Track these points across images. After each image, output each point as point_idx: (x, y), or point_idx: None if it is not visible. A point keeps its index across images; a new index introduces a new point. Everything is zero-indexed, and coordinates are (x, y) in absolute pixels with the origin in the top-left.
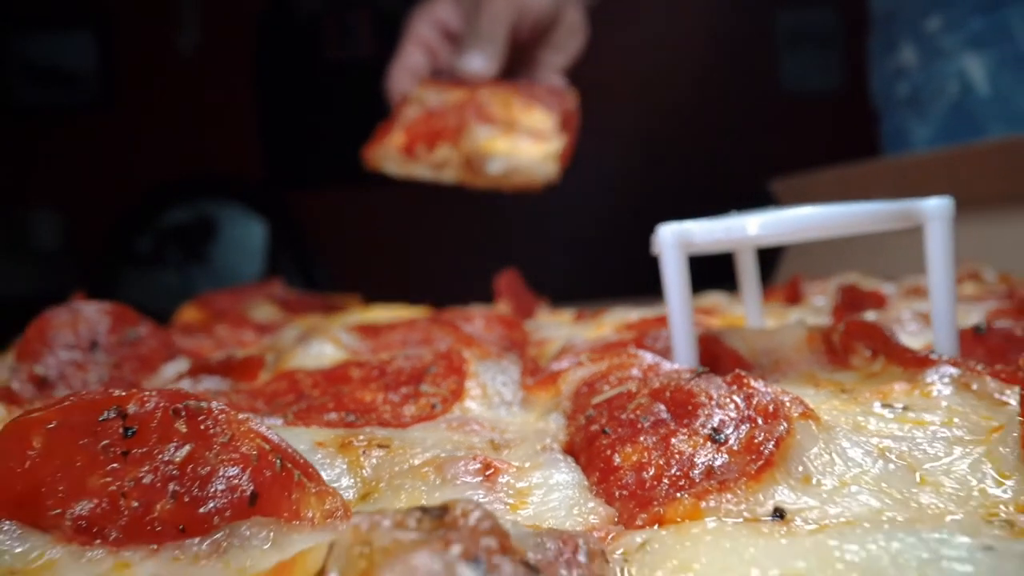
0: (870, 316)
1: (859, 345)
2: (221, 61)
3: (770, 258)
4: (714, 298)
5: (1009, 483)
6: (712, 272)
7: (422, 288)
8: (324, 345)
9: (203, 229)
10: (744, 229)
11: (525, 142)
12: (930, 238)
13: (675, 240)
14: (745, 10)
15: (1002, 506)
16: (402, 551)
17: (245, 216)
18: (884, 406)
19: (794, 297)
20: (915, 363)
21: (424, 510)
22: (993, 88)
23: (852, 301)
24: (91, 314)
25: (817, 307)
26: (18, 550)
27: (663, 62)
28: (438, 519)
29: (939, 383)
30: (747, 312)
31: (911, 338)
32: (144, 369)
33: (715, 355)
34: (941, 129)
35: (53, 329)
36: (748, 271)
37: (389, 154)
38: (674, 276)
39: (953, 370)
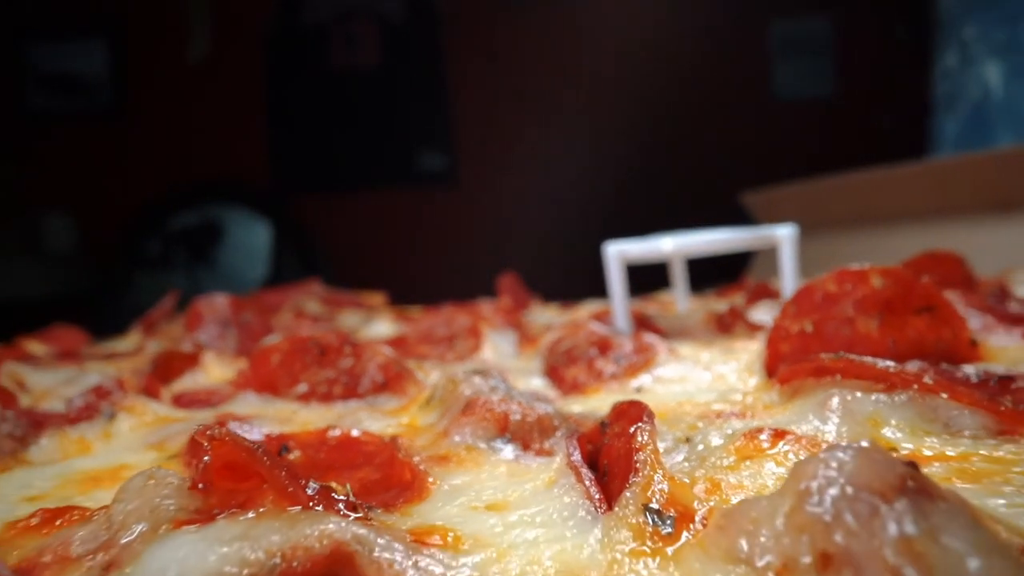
0: (766, 304)
1: (738, 321)
2: (230, 69)
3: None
4: (666, 296)
5: (752, 379)
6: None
7: (420, 288)
8: (382, 324)
9: (209, 232)
10: (660, 247)
11: None
12: (782, 253)
13: (616, 254)
14: (739, 18)
15: (740, 384)
16: (467, 379)
17: (250, 220)
18: (723, 349)
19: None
20: (754, 329)
21: (474, 369)
22: (1006, 94)
23: (758, 294)
24: (221, 303)
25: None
26: (278, 405)
27: (654, 71)
28: (480, 371)
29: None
30: (677, 301)
31: None
32: (256, 340)
33: (646, 327)
34: (963, 129)
35: (204, 312)
36: (678, 273)
37: None
38: (616, 278)
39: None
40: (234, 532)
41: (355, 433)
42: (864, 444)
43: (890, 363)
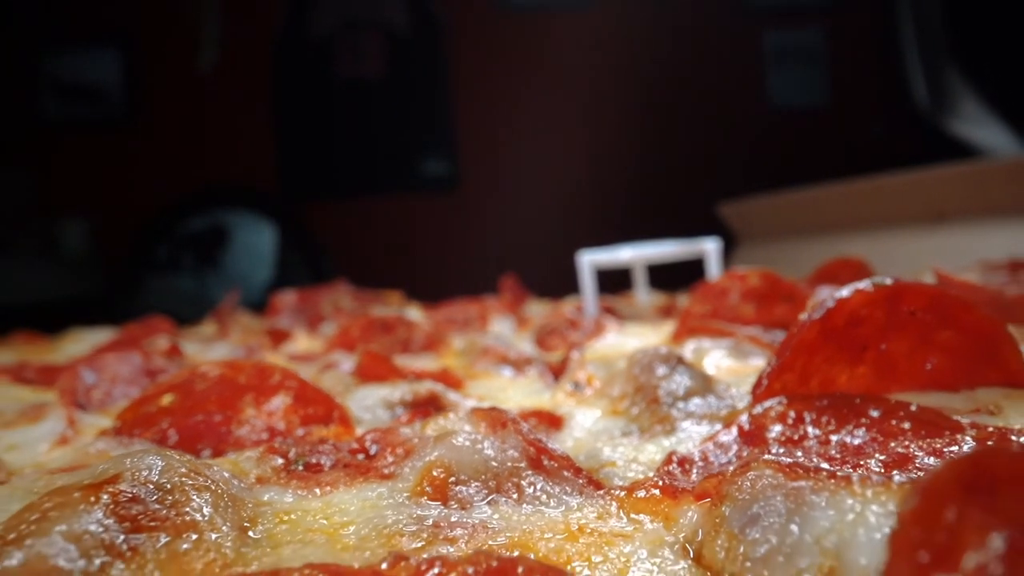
0: None
1: (674, 309)
2: (238, 79)
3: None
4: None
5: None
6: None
7: (421, 289)
8: (412, 313)
9: (217, 237)
10: (620, 256)
11: None
12: (709, 263)
13: (588, 261)
14: (734, 29)
15: (656, 343)
16: (483, 338)
17: (257, 224)
18: (656, 327)
19: None
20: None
21: (486, 335)
22: None
23: None
24: (291, 298)
25: None
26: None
27: (651, 80)
28: (490, 336)
29: None
30: (637, 296)
31: None
32: (316, 324)
33: (609, 313)
34: None
35: (281, 305)
36: (639, 275)
37: None
38: (588, 279)
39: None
40: (384, 386)
41: (417, 367)
42: (660, 346)
43: (724, 324)
